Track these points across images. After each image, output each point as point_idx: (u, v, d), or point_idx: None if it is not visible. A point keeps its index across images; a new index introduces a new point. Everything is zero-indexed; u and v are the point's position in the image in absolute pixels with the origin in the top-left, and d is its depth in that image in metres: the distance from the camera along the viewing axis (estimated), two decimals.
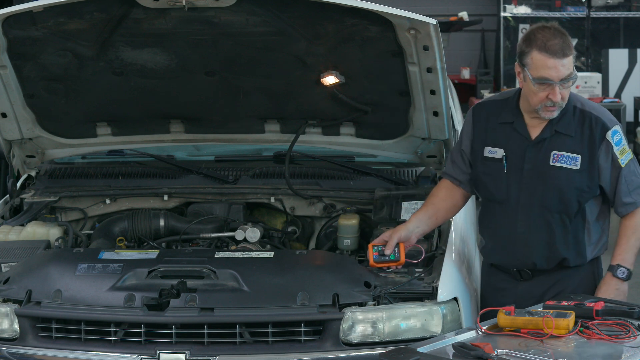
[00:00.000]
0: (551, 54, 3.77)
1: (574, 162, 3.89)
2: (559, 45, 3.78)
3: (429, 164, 4.88)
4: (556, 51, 3.77)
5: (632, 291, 7.12)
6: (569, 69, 3.80)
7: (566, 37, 3.80)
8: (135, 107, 4.80)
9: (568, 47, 3.79)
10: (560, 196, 3.91)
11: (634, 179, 3.94)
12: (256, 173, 4.95)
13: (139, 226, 4.75)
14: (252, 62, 4.47)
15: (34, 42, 4.32)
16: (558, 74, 3.78)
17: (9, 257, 4.26)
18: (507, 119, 4.00)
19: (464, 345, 3.11)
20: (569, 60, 3.80)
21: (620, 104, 10.37)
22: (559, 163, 3.90)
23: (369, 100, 4.64)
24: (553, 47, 3.77)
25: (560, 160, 3.90)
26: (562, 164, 3.90)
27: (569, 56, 3.80)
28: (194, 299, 3.83)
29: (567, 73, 3.79)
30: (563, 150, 3.91)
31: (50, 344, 3.84)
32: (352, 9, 4.05)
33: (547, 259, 3.99)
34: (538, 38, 3.79)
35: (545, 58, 3.77)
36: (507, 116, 4.00)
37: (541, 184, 3.92)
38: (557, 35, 3.79)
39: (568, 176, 3.90)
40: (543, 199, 3.93)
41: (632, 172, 3.93)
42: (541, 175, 3.93)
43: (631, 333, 3.21)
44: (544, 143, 3.93)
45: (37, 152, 4.98)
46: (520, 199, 3.96)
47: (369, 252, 4.02)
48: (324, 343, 3.79)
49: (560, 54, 3.78)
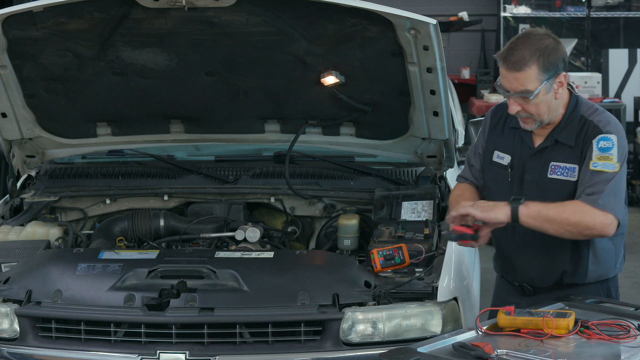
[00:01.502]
0: (506, 65, 3.64)
1: (571, 173, 3.74)
2: (515, 58, 3.61)
3: (429, 164, 4.88)
4: (511, 63, 3.62)
5: (632, 291, 7.18)
6: (524, 84, 3.62)
7: (531, 50, 3.61)
8: (135, 107, 4.80)
9: (525, 63, 3.60)
10: None
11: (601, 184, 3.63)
12: (256, 173, 4.95)
13: (139, 226, 4.75)
14: (252, 62, 4.47)
15: (34, 42, 4.32)
16: (511, 86, 3.64)
17: (9, 257, 4.26)
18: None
19: (464, 345, 3.11)
20: (524, 75, 3.61)
21: (620, 104, 10.36)
22: (556, 175, 3.76)
23: (369, 100, 4.64)
24: (509, 58, 3.62)
25: (557, 172, 3.76)
26: (559, 175, 3.76)
27: (524, 71, 3.61)
28: (194, 299, 3.83)
29: (520, 88, 3.63)
30: (561, 161, 3.76)
31: (50, 344, 3.84)
32: (352, 9, 4.05)
33: (545, 275, 3.87)
34: (507, 45, 3.70)
35: (502, 68, 3.67)
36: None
37: (540, 197, 3.75)
38: (522, 47, 3.63)
39: (565, 189, 3.74)
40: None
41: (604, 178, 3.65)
42: (541, 188, 3.79)
43: (631, 333, 3.21)
44: (544, 152, 3.79)
45: (37, 152, 4.98)
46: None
47: (375, 258, 4.00)
48: (324, 343, 3.80)
49: (514, 67, 3.62)
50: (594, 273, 3.83)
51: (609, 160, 3.66)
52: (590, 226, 3.63)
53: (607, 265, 3.85)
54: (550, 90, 3.67)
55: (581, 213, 3.63)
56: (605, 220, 3.63)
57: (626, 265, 3.85)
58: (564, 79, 3.69)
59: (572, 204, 3.66)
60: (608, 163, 3.66)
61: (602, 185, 3.64)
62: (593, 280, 3.84)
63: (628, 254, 4.12)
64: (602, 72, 10.77)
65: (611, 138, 3.68)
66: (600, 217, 3.62)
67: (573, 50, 11.53)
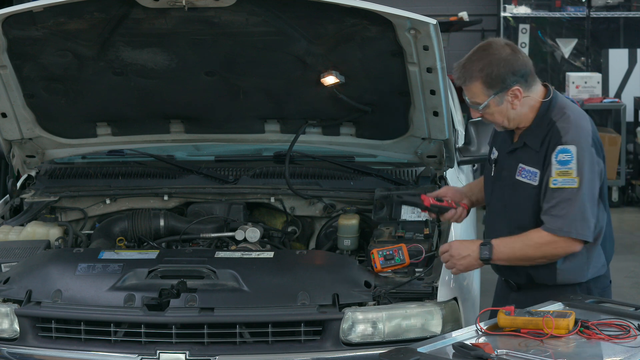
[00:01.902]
0: (455, 77, 3.75)
1: (534, 177, 3.73)
2: (463, 71, 3.70)
3: (429, 164, 4.88)
4: (459, 76, 3.72)
5: (632, 291, 7.18)
6: (472, 97, 3.70)
7: (479, 66, 3.65)
8: (135, 107, 4.80)
9: (469, 78, 3.67)
10: (520, 211, 3.78)
11: (561, 205, 3.63)
12: (256, 173, 4.95)
13: (139, 226, 4.75)
14: (252, 62, 4.47)
15: (34, 42, 4.32)
16: (466, 95, 3.74)
17: (9, 257, 4.26)
18: None
19: (464, 345, 3.11)
20: (470, 89, 3.70)
21: (620, 104, 10.36)
22: (521, 177, 3.77)
23: (369, 100, 4.64)
24: (459, 70, 3.72)
25: (523, 174, 3.77)
26: (524, 178, 3.76)
27: (468, 86, 3.69)
28: (194, 299, 3.83)
29: (471, 100, 3.72)
30: (526, 164, 3.76)
31: (50, 344, 3.84)
32: (352, 9, 4.05)
33: (515, 273, 3.88)
34: (466, 55, 3.77)
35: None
36: None
37: (508, 196, 3.82)
38: (472, 61, 3.69)
39: (527, 192, 3.74)
40: (507, 211, 3.83)
41: (564, 198, 3.63)
42: (510, 187, 3.82)
43: (631, 333, 3.21)
44: (516, 153, 3.81)
45: (37, 152, 4.98)
46: (495, 207, 3.92)
47: (375, 258, 4.01)
48: (324, 343, 3.80)
49: (460, 81, 3.72)
50: (564, 275, 3.78)
51: (568, 175, 3.64)
52: (556, 254, 3.71)
53: (579, 268, 3.79)
54: (502, 103, 3.70)
55: (543, 248, 3.68)
56: (571, 246, 3.68)
57: (626, 265, 3.85)
58: (519, 93, 3.69)
59: (536, 236, 3.68)
60: (567, 179, 3.64)
61: (565, 206, 3.63)
62: (565, 282, 3.79)
63: (628, 254, 4.12)
64: (602, 72, 10.77)
65: (570, 150, 3.65)
66: (562, 244, 3.67)
67: (573, 50, 11.53)
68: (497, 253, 3.73)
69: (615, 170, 10.07)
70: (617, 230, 3.81)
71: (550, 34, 11.61)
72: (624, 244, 8.39)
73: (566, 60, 11.55)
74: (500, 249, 3.73)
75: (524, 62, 3.71)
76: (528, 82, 3.71)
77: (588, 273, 3.80)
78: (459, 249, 3.81)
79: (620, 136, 10.10)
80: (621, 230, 9.11)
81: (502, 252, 3.73)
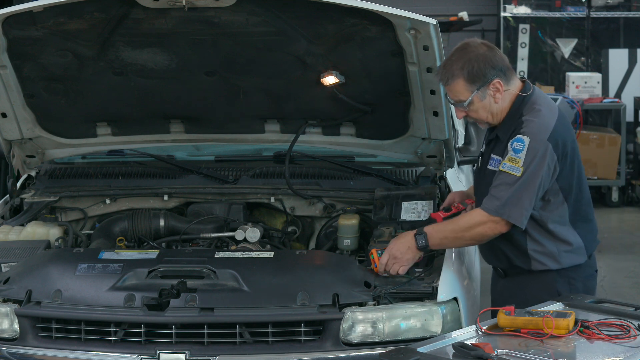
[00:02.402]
0: (438, 79, 3.94)
1: (497, 164, 3.91)
2: (444, 71, 3.87)
3: (429, 164, 4.88)
4: (441, 77, 3.90)
5: (632, 291, 7.18)
6: (456, 95, 3.87)
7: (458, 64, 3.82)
8: (135, 107, 4.80)
9: (451, 76, 3.83)
10: None
11: (500, 187, 3.82)
12: (256, 173, 4.95)
13: (139, 226, 4.75)
14: (252, 62, 4.47)
15: (34, 42, 4.32)
16: (450, 96, 3.92)
17: (9, 257, 4.26)
18: None
19: (464, 345, 3.11)
20: (453, 88, 3.86)
21: (620, 104, 10.36)
22: (490, 166, 3.96)
23: (369, 100, 4.64)
24: (440, 72, 3.90)
25: (491, 163, 3.96)
26: (491, 167, 3.95)
27: (451, 84, 3.86)
28: (194, 299, 3.83)
29: (455, 99, 3.89)
30: (496, 153, 3.94)
31: (50, 344, 3.84)
32: (352, 9, 4.05)
33: (495, 259, 4.07)
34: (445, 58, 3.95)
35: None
36: None
37: (482, 185, 4.00)
38: (451, 62, 3.85)
39: (491, 178, 3.92)
40: (480, 201, 3.97)
41: (505, 182, 3.82)
42: (482, 176, 4.02)
43: (631, 333, 3.22)
44: (491, 145, 4.00)
45: (37, 152, 4.98)
46: (478, 199, 4.05)
47: (375, 258, 4.01)
48: (324, 343, 3.80)
49: (443, 81, 3.91)
50: (537, 262, 3.95)
51: (515, 163, 3.83)
52: (485, 234, 3.90)
53: (549, 253, 3.94)
54: (485, 97, 3.88)
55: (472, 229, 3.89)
56: (498, 227, 3.87)
57: (626, 265, 3.86)
58: (500, 85, 3.86)
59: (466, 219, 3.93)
60: (514, 166, 3.83)
61: (504, 189, 3.82)
62: (539, 269, 3.95)
63: (628, 254, 4.16)
64: (602, 72, 10.76)
65: (524, 140, 3.83)
66: (490, 225, 3.86)
67: (573, 50, 11.53)
68: (431, 239, 3.94)
69: (615, 170, 10.07)
70: (617, 230, 3.85)
71: (550, 34, 11.61)
72: (624, 244, 8.39)
73: (566, 60, 11.55)
74: (433, 235, 3.95)
75: (501, 57, 3.91)
76: (507, 76, 3.90)
77: (562, 259, 3.95)
78: (397, 246, 3.97)
79: (620, 136, 10.10)
80: (621, 230, 9.12)
81: (435, 237, 3.95)
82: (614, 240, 8.49)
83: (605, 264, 7.54)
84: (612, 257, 7.81)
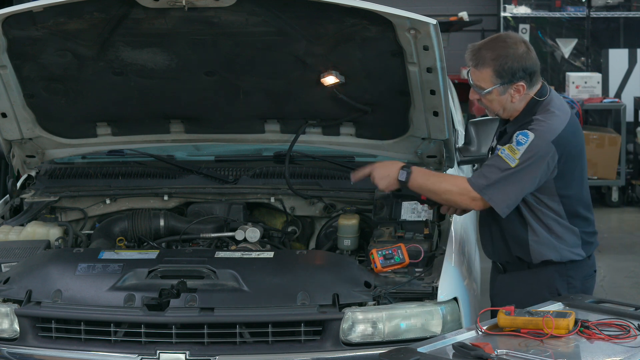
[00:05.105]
0: (469, 57, 3.95)
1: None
2: (478, 55, 3.91)
3: (429, 164, 4.88)
4: (473, 58, 3.93)
5: (632, 291, 7.18)
6: (478, 80, 3.92)
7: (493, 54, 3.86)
8: (135, 107, 4.80)
9: (482, 63, 3.88)
10: None
11: (492, 169, 3.89)
12: (256, 173, 4.95)
13: (139, 226, 4.75)
14: (252, 62, 4.47)
15: (34, 42, 4.32)
16: (471, 76, 3.95)
17: (9, 257, 4.26)
18: None
19: (464, 345, 3.11)
20: (479, 73, 3.91)
21: (620, 104, 10.36)
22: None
23: (369, 100, 4.64)
24: (474, 53, 3.93)
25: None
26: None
27: (479, 70, 3.90)
28: (194, 299, 3.83)
29: (476, 82, 3.94)
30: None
31: (50, 344, 3.84)
32: (352, 9, 4.05)
33: (496, 253, 4.10)
34: (485, 40, 4.00)
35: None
36: None
37: None
38: (489, 48, 3.90)
39: None
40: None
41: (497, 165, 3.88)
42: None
43: (631, 333, 3.22)
44: (501, 140, 4.03)
45: (37, 152, 4.98)
46: None
47: (374, 258, 4.02)
48: (324, 343, 3.80)
49: (472, 63, 3.93)
50: (537, 255, 3.97)
51: (513, 153, 3.87)
52: (458, 203, 3.99)
53: (549, 242, 3.96)
54: (504, 94, 3.93)
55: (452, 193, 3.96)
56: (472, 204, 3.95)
57: (626, 265, 3.87)
58: (522, 89, 3.92)
59: (453, 182, 4.00)
60: (511, 155, 3.87)
61: (494, 171, 3.88)
62: (539, 260, 3.97)
63: (628, 254, 4.17)
64: (602, 72, 10.77)
65: (529, 135, 3.88)
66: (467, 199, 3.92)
67: (573, 50, 11.53)
68: (412, 180, 4.01)
69: (615, 170, 10.07)
70: (617, 230, 3.86)
71: (550, 34, 11.62)
72: (624, 244, 8.40)
73: (566, 60, 11.55)
74: (416, 175, 4.02)
75: (535, 62, 3.94)
76: (532, 81, 3.94)
77: (562, 251, 3.97)
78: (380, 169, 4.08)
79: (620, 136, 10.10)
80: (621, 230, 9.12)
81: (416, 180, 4.02)
82: (614, 240, 8.50)
83: (605, 264, 7.54)
84: (612, 257, 7.82)
